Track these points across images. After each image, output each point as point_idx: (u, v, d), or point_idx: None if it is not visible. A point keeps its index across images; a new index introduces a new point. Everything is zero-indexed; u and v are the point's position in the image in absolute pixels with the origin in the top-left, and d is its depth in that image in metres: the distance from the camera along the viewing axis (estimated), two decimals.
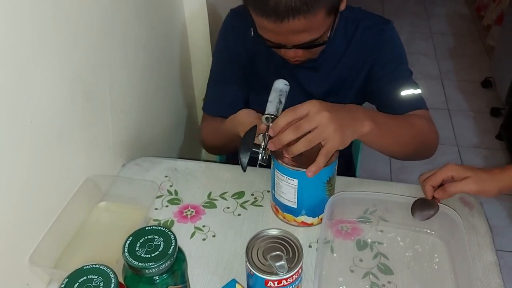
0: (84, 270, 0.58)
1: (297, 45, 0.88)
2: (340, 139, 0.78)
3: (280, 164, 0.80)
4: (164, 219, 0.90)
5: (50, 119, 0.77)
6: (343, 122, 0.79)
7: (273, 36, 0.87)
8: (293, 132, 0.77)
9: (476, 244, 0.83)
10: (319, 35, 0.87)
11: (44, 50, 0.73)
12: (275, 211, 0.89)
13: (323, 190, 0.83)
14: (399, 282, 0.78)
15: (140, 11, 1.07)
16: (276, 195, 0.86)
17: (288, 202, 0.84)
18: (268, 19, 0.82)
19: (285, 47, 0.89)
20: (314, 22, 0.82)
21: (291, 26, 0.81)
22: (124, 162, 1.04)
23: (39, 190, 0.76)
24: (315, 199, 0.84)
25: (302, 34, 0.85)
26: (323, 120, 0.77)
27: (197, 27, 1.37)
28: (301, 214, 0.85)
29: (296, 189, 0.81)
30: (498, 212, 2.04)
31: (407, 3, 3.93)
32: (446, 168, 0.85)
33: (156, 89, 1.20)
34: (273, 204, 0.90)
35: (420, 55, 3.21)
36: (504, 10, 2.89)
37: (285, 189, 0.82)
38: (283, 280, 0.66)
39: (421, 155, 1.02)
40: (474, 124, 2.61)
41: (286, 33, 0.84)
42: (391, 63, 1.04)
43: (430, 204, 0.84)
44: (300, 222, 0.86)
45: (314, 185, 0.81)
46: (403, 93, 1.01)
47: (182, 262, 0.64)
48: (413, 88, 1.03)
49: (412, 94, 1.02)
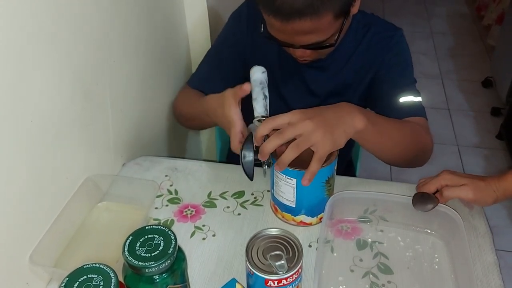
0: (84, 269, 0.58)
1: (304, 46, 0.88)
2: (330, 142, 0.76)
3: None
4: (164, 219, 0.90)
5: (50, 119, 0.77)
6: (330, 123, 0.77)
7: (280, 35, 0.87)
8: (276, 139, 0.75)
9: (476, 244, 0.83)
10: (326, 37, 0.86)
11: (44, 49, 0.73)
12: (274, 210, 0.90)
13: (322, 190, 0.83)
14: (398, 282, 0.78)
15: (140, 11, 1.07)
16: (275, 194, 0.86)
17: (287, 202, 0.84)
18: (275, 18, 0.82)
19: (293, 46, 0.89)
20: (321, 24, 0.82)
21: (297, 27, 0.81)
22: (124, 161, 1.04)
23: (39, 189, 0.76)
24: (314, 199, 0.84)
25: (308, 36, 0.85)
26: (307, 127, 0.75)
27: (198, 26, 1.37)
28: (300, 213, 0.85)
29: (295, 188, 0.81)
30: (498, 212, 2.04)
31: (407, 3, 3.93)
32: (441, 177, 0.85)
33: (156, 89, 1.20)
34: (272, 203, 0.90)
35: (420, 54, 3.21)
36: (504, 9, 2.89)
37: (284, 188, 0.82)
38: (283, 279, 0.66)
39: (416, 161, 1.00)
40: (474, 123, 2.61)
41: (292, 33, 0.84)
42: (396, 69, 1.04)
43: (430, 197, 0.84)
44: (299, 222, 0.87)
45: (313, 185, 0.81)
46: (402, 99, 1.01)
47: (182, 261, 0.64)
48: (414, 95, 1.02)
49: (412, 101, 1.02)
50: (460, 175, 0.85)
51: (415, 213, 0.84)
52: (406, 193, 0.90)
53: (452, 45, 3.36)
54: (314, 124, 0.75)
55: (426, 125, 1.02)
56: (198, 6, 1.34)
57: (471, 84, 2.91)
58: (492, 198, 0.83)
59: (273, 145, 0.76)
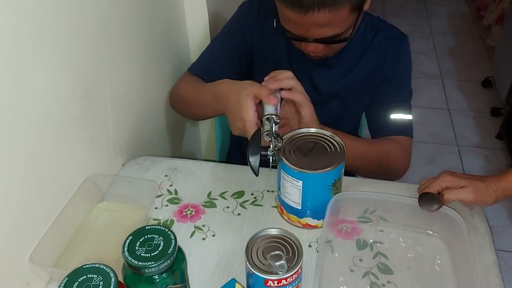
0: (83, 269, 0.58)
1: (318, 40, 0.87)
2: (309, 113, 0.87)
3: (286, 164, 0.79)
4: (164, 219, 0.90)
5: (50, 118, 0.77)
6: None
7: (295, 28, 0.87)
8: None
9: (476, 244, 0.83)
10: (341, 31, 0.86)
11: (44, 49, 0.73)
12: (280, 211, 0.89)
13: (328, 192, 0.82)
14: (398, 282, 0.78)
15: (140, 10, 1.07)
16: (281, 195, 0.85)
17: (293, 203, 0.84)
18: (292, 9, 0.82)
19: (306, 40, 0.88)
20: (338, 16, 0.82)
21: (314, 19, 0.81)
22: (124, 161, 1.04)
23: (38, 189, 0.76)
24: (320, 201, 0.83)
25: (324, 28, 0.84)
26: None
27: (198, 26, 1.37)
28: (305, 215, 0.85)
29: (301, 190, 0.80)
30: (498, 212, 2.04)
31: (407, 2, 3.93)
32: (440, 179, 0.85)
33: (156, 88, 1.20)
34: (278, 204, 0.89)
35: (420, 54, 3.21)
36: (504, 9, 2.89)
37: (290, 190, 0.82)
38: (282, 279, 0.66)
39: (383, 176, 1.01)
40: (474, 123, 2.61)
41: (308, 25, 0.84)
42: (396, 81, 1.06)
43: (435, 197, 0.83)
44: (305, 224, 0.86)
45: (319, 187, 0.81)
46: (393, 116, 1.02)
47: (181, 261, 0.64)
48: (405, 113, 1.04)
49: (401, 119, 1.03)
50: (459, 176, 0.85)
51: (416, 213, 0.84)
52: (406, 193, 0.90)
53: (452, 45, 3.36)
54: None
55: (408, 145, 1.05)
56: (198, 6, 1.34)
57: (471, 84, 2.91)
58: (492, 198, 0.83)
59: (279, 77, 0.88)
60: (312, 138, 0.84)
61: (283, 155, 0.80)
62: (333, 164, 0.79)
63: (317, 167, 0.78)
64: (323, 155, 0.81)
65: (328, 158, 0.80)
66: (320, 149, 0.82)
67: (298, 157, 0.80)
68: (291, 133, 0.85)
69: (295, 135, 0.85)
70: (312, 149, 0.82)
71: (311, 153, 0.81)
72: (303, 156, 0.80)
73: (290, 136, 0.84)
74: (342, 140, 0.83)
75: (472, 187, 0.82)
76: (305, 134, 0.85)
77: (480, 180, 0.84)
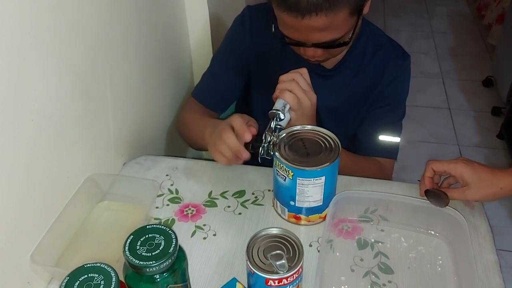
0: (85, 268, 0.59)
1: (316, 44, 0.87)
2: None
3: (307, 170, 0.79)
4: (165, 218, 0.90)
5: (51, 118, 0.77)
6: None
7: (293, 33, 0.86)
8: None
9: (477, 244, 0.83)
10: (340, 35, 0.85)
11: (45, 49, 0.73)
12: (295, 220, 0.87)
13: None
14: (399, 281, 0.78)
15: (141, 10, 1.07)
16: (298, 203, 0.84)
17: (314, 203, 0.83)
18: (289, 14, 0.81)
19: (305, 45, 0.88)
20: (336, 20, 0.81)
21: (312, 23, 0.80)
22: (125, 161, 1.04)
23: (40, 188, 0.76)
24: (334, 190, 0.87)
25: (322, 33, 0.83)
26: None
27: (198, 26, 1.37)
28: (325, 208, 0.85)
29: (323, 185, 0.81)
30: (498, 212, 2.04)
31: (408, 2, 3.92)
32: (456, 167, 0.83)
33: (157, 88, 1.20)
34: (293, 215, 0.87)
35: (421, 54, 3.21)
36: (505, 9, 2.89)
37: (311, 192, 0.81)
38: (283, 279, 0.66)
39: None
40: (475, 123, 2.61)
41: (306, 30, 0.83)
42: (389, 103, 1.05)
43: (443, 194, 0.84)
44: (324, 217, 0.87)
45: (335, 175, 0.84)
46: (381, 137, 1.02)
47: (182, 261, 0.64)
48: (394, 135, 1.05)
49: (389, 142, 1.03)
50: (472, 170, 0.83)
51: (417, 213, 0.84)
52: (406, 193, 0.90)
53: (453, 45, 3.36)
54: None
55: (389, 167, 1.06)
56: (199, 6, 1.34)
57: (471, 84, 2.91)
58: (496, 196, 0.82)
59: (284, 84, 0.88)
60: (301, 136, 0.85)
61: (300, 165, 0.79)
62: (334, 152, 0.82)
63: (329, 159, 0.80)
64: (320, 150, 0.82)
65: (326, 152, 0.82)
66: (314, 146, 0.83)
67: (309, 157, 0.81)
68: (284, 134, 0.85)
69: (286, 137, 0.85)
70: (306, 148, 0.83)
71: (310, 151, 0.82)
72: (307, 155, 0.81)
73: (283, 138, 0.85)
74: (333, 135, 0.85)
75: (476, 187, 0.82)
76: (294, 132, 0.86)
77: (481, 180, 0.82)
